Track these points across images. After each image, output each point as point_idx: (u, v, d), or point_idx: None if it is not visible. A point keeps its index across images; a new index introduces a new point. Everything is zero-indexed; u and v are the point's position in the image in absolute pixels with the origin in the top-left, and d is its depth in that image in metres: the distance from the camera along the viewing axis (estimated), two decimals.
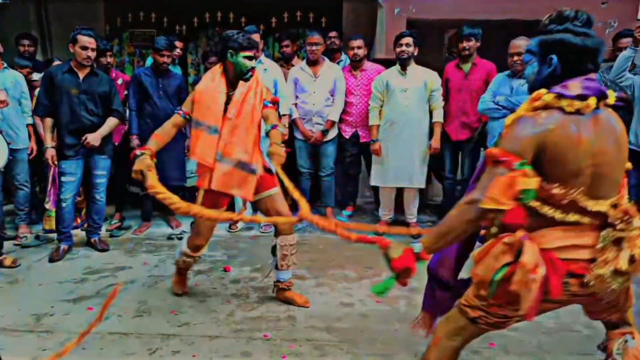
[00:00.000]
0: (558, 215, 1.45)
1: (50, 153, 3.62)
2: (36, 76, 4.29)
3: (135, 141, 4.14)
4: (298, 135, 4.42)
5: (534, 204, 1.44)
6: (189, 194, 4.66)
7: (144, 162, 2.49)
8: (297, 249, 2.94)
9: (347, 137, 4.45)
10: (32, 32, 4.99)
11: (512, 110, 3.59)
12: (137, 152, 2.57)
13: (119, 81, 4.33)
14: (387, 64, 4.36)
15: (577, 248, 1.45)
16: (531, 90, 1.59)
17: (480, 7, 4.37)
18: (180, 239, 4.09)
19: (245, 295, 3.07)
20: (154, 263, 3.60)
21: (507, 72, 3.78)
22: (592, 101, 1.44)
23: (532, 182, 1.39)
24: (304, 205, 2.04)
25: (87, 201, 4.05)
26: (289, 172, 4.48)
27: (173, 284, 3.10)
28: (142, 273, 3.40)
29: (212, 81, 2.74)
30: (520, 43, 3.61)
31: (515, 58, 3.62)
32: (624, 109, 3.91)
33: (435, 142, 4.08)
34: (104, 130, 3.68)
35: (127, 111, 4.21)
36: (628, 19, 4.34)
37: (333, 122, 4.34)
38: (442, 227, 1.50)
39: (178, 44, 4.70)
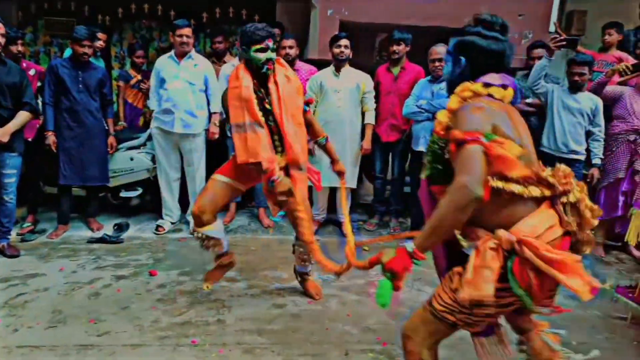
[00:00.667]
0: (533, 190, 1.46)
1: None
2: None
3: (51, 138, 3.84)
4: (230, 134, 4.31)
5: (507, 185, 1.44)
6: (112, 195, 4.43)
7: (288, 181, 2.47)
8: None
9: None
10: None
11: (434, 114, 3.79)
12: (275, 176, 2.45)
13: (32, 72, 3.99)
14: (318, 64, 4.39)
15: (552, 228, 1.48)
16: (449, 89, 1.68)
17: (410, 13, 4.52)
18: (107, 241, 3.85)
19: (172, 300, 2.94)
20: (71, 269, 3.34)
21: (428, 77, 3.95)
22: (510, 92, 1.57)
23: (514, 146, 1.44)
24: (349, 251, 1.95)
25: None
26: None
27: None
28: (57, 280, 3.15)
29: (237, 79, 2.53)
30: (440, 49, 3.80)
31: (437, 64, 3.81)
32: (535, 114, 4.22)
33: (367, 143, 4.17)
34: (13, 124, 3.37)
35: (40, 104, 3.89)
36: (541, 30, 4.69)
37: None
38: (433, 220, 1.42)
39: (100, 35, 4.42)
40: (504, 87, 1.58)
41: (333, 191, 4.35)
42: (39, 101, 3.89)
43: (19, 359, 2.28)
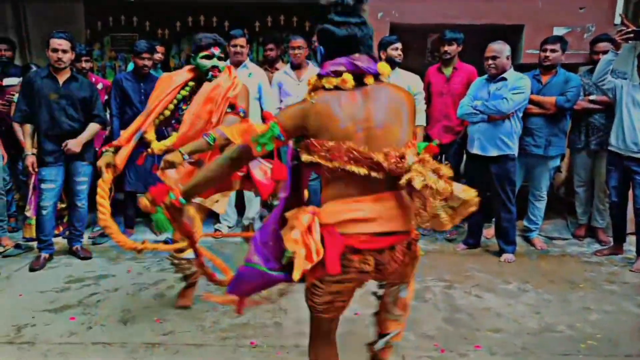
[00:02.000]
0: (336, 164, 1.51)
1: (30, 160, 3.55)
2: (7, 81, 4.19)
3: None
4: None
5: (319, 159, 1.53)
6: None
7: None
8: None
9: None
10: (9, 37, 4.89)
11: (489, 115, 3.67)
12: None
13: (99, 86, 4.27)
14: None
15: (358, 222, 1.53)
16: None
17: (462, 12, 4.43)
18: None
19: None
20: (137, 270, 3.55)
21: (485, 76, 3.83)
22: (347, 76, 1.54)
23: (263, 129, 1.57)
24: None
25: (68, 208, 3.97)
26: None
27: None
28: (125, 281, 3.34)
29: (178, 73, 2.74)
30: (496, 47, 3.66)
31: (490, 62, 3.66)
32: (601, 111, 4.00)
33: None
34: (85, 136, 3.62)
35: (108, 116, 4.15)
36: (606, 23, 4.44)
37: None
38: (203, 170, 1.76)
39: (159, 47, 4.65)
40: (336, 73, 1.54)
41: None
42: (107, 113, 4.15)
43: (92, 355, 2.44)
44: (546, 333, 2.75)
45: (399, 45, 4.02)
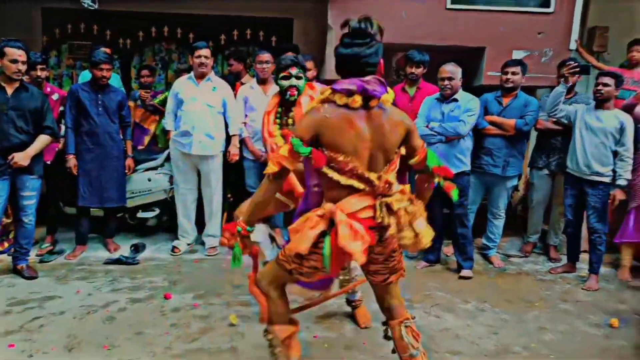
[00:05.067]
0: (342, 179, 1.79)
1: None
2: None
3: (72, 161, 3.91)
4: (247, 155, 4.31)
5: (328, 171, 1.79)
6: (130, 215, 4.46)
7: None
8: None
9: None
10: None
11: (447, 137, 3.73)
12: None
13: (54, 96, 4.08)
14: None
15: (365, 209, 1.82)
16: None
17: (428, 33, 4.50)
18: (124, 263, 3.86)
19: (185, 325, 2.92)
20: (87, 291, 3.36)
21: (436, 95, 3.91)
22: (357, 97, 1.76)
23: (298, 144, 1.79)
24: None
25: (14, 224, 3.76)
26: (238, 191, 4.41)
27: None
28: (73, 303, 3.16)
29: (269, 104, 3.00)
30: (451, 69, 3.76)
31: (446, 82, 3.75)
32: (562, 133, 4.10)
33: None
34: (33, 148, 3.44)
35: (63, 128, 3.97)
36: (562, 47, 4.61)
37: None
38: (252, 198, 1.98)
39: (107, 49, 4.37)
40: (349, 92, 1.75)
41: None
42: (62, 125, 3.98)
43: None
44: (503, 355, 2.76)
45: None
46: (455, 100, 3.81)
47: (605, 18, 5.01)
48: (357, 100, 1.75)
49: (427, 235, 1.84)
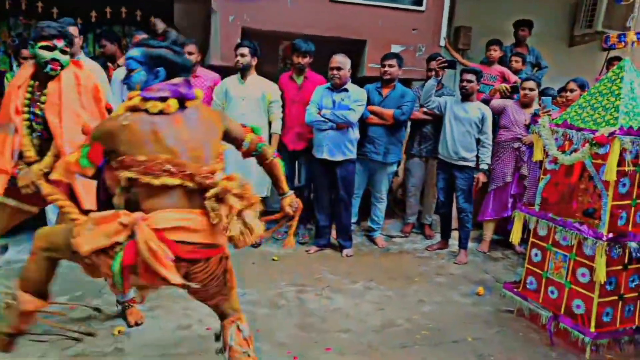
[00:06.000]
0: (154, 181, 1.70)
1: None
2: None
3: None
4: None
5: (134, 175, 1.70)
6: None
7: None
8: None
9: None
10: None
11: (338, 124, 3.91)
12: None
13: None
14: (219, 70, 4.32)
15: (188, 231, 1.71)
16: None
17: (312, 23, 4.57)
18: None
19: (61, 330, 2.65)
20: None
21: (327, 84, 4.06)
22: (172, 102, 1.79)
23: (81, 154, 1.81)
24: None
25: None
26: None
27: None
28: None
29: (18, 76, 2.46)
30: (340, 59, 3.95)
31: (335, 72, 3.92)
32: (432, 122, 4.50)
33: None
34: None
35: None
36: (433, 44, 5.02)
37: None
38: None
39: None
40: (163, 99, 1.78)
41: None
42: None
43: None
44: (388, 328, 2.98)
45: (243, 50, 4.01)
46: (346, 90, 3.99)
47: (469, 19, 5.56)
48: (173, 104, 1.78)
49: (256, 228, 1.72)
